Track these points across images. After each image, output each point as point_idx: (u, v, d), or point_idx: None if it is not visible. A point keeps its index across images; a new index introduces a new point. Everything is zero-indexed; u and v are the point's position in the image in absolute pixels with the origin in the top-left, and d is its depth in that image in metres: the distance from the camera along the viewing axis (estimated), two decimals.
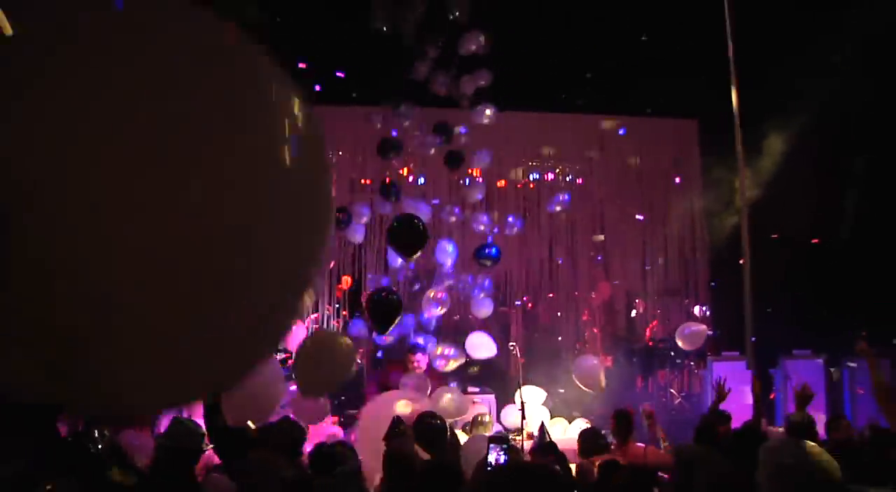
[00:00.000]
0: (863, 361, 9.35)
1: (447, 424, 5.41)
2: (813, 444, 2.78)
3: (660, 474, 4.62)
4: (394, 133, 10.33)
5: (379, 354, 10.43)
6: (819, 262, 10.67)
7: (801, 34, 9.64)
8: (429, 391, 8.23)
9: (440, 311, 9.54)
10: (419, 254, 8.26)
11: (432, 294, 9.43)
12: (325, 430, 7.63)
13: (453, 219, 10.49)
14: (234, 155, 1.70)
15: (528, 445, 7.60)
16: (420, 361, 8.80)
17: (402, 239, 8.00)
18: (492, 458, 3.91)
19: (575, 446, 5.88)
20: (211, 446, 4.01)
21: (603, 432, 6.12)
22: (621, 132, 11.94)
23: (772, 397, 9.69)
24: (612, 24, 9.64)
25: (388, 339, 9.34)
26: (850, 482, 2.94)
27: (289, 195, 1.77)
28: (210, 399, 3.95)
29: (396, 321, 8.03)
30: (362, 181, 11.49)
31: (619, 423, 5.99)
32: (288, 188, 1.78)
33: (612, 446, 5.84)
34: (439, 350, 9.14)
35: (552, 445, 5.44)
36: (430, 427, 5.09)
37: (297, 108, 1.96)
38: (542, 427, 7.23)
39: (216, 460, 4.32)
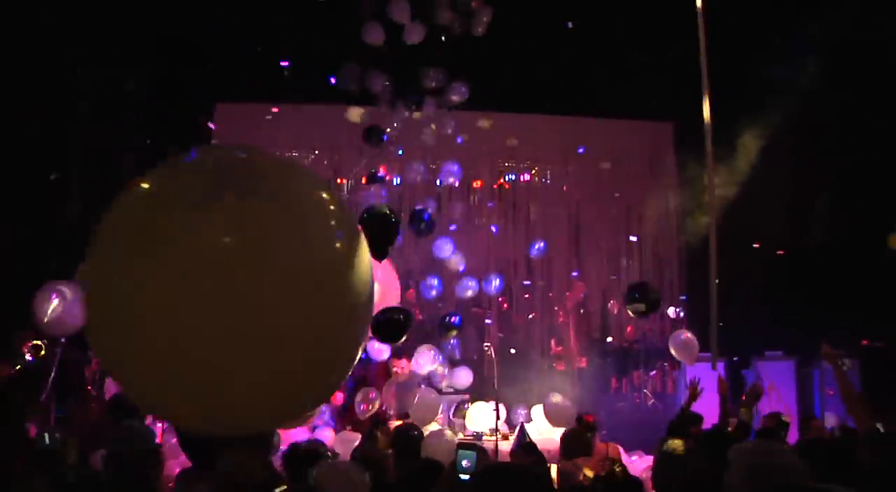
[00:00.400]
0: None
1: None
2: (782, 445, 2.81)
3: None
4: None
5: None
6: (792, 263, 10.79)
7: (775, 38, 9.79)
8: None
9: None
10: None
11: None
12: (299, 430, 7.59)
13: (434, 293, 10.04)
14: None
15: (503, 445, 7.64)
16: (403, 366, 8.78)
17: (371, 235, 7.38)
18: (462, 463, 3.88)
19: (552, 446, 5.90)
20: None
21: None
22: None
23: (743, 398, 9.78)
24: (590, 28, 9.71)
25: None
26: (820, 482, 2.98)
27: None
28: None
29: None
30: (338, 181, 11.45)
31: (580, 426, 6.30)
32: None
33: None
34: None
35: (532, 445, 5.45)
36: (410, 438, 5.02)
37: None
38: (522, 428, 7.25)
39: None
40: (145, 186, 2.66)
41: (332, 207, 2.87)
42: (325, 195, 2.94)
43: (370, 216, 7.25)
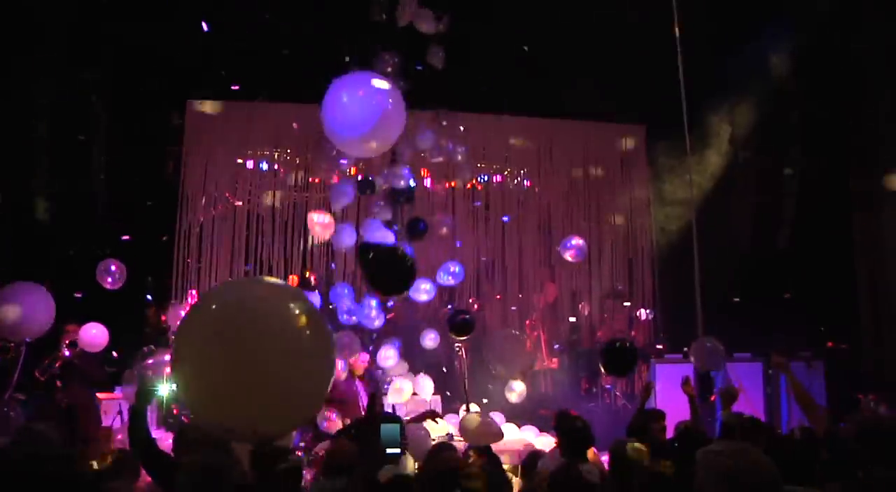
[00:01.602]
0: (799, 364, 9.66)
1: None
2: (752, 446, 2.82)
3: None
4: None
5: None
6: (760, 267, 10.91)
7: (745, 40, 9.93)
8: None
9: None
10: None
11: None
12: None
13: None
14: None
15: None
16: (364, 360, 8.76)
17: (381, 276, 6.71)
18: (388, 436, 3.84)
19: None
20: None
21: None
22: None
23: (712, 399, 9.87)
24: (563, 30, 9.74)
25: None
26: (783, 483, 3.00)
27: None
28: (138, 405, 3.81)
29: None
30: (313, 180, 11.40)
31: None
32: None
33: None
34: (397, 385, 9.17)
35: (486, 448, 5.47)
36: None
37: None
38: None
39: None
40: None
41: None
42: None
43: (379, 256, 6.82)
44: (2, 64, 9.32)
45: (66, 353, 8.37)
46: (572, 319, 11.72)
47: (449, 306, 10.93)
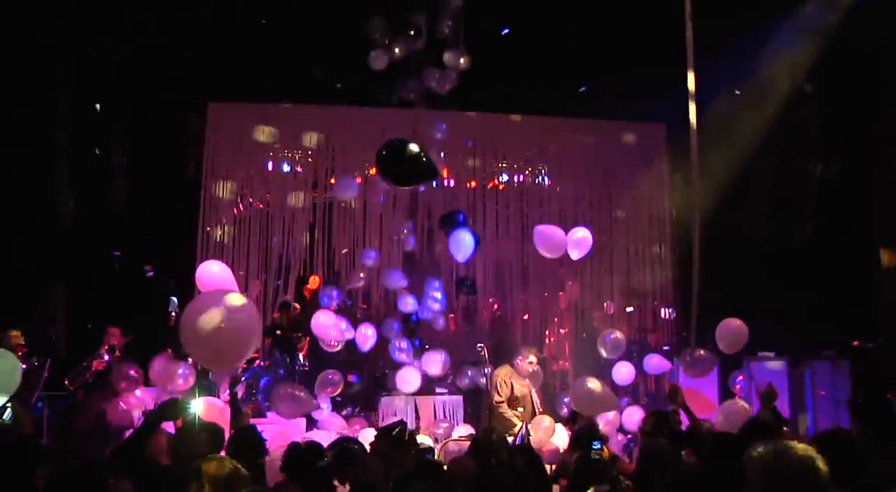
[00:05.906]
0: (824, 363, 9.60)
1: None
2: (803, 445, 2.79)
3: None
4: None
5: None
6: (782, 264, 10.82)
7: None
8: None
9: None
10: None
11: None
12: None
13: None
14: None
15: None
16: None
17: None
18: None
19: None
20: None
21: None
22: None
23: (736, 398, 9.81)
24: (583, 29, 9.73)
25: None
26: None
27: None
28: (146, 427, 3.78)
29: None
30: (331, 181, 11.39)
31: None
32: None
33: None
34: None
35: (528, 447, 5.49)
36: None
37: None
38: (525, 428, 7.35)
39: None
40: None
41: None
42: None
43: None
44: (21, 68, 9.43)
45: (106, 358, 8.30)
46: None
47: None
